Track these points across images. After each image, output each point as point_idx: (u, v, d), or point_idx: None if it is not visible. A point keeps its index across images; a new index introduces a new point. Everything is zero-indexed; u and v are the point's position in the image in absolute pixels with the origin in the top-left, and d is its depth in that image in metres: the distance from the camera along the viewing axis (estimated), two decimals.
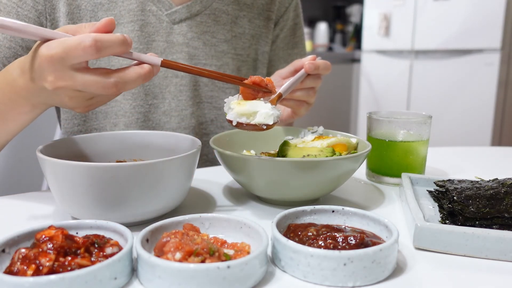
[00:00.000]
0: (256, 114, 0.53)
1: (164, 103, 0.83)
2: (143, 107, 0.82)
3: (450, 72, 2.56)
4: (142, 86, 0.81)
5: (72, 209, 0.51)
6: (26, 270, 0.36)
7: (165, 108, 0.83)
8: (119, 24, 0.79)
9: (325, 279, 0.39)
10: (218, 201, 0.62)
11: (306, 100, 0.73)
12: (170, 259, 0.38)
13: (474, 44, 2.44)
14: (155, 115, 0.83)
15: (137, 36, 0.80)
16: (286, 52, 0.97)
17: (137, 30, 0.79)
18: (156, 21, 0.80)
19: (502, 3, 2.32)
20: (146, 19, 0.80)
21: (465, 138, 2.54)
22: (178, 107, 0.83)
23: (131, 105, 0.81)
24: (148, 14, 0.80)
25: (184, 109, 0.84)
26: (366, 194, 0.66)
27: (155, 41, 0.81)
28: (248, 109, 0.53)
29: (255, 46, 0.91)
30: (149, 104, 0.82)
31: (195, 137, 0.62)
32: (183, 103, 0.83)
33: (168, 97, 0.83)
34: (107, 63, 0.80)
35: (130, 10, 0.79)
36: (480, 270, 0.43)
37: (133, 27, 0.79)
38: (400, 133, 0.69)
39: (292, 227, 0.46)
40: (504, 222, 0.48)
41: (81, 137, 0.62)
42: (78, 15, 0.78)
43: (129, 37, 0.48)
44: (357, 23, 3.43)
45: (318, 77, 0.71)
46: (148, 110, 0.82)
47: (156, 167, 0.48)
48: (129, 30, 0.79)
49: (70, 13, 0.77)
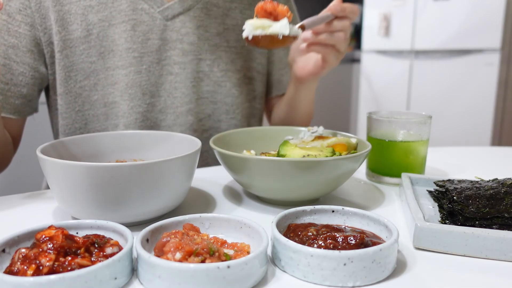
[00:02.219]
0: (271, 26, 0.49)
1: (159, 101, 0.83)
2: (141, 106, 0.81)
3: (450, 72, 2.56)
4: (139, 86, 0.80)
5: (72, 209, 0.51)
6: (26, 270, 0.36)
7: (160, 106, 0.83)
8: (111, 25, 0.78)
9: (325, 279, 0.39)
10: (218, 201, 0.62)
11: (334, 45, 0.70)
12: (170, 259, 0.38)
13: (474, 44, 2.44)
14: (152, 113, 0.83)
15: (130, 36, 0.79)
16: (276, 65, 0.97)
17: (130, 30, 0.79)
18: (149, 19, 0.80)
19: (502, 3, 2.32)
20: (138, 18, 0.79)
21: (465, 138, 2.54)
22: (173, 104, 0.83)
23: (128, 105, 0.80)
24: (140, 13, 0.79)
25: (179, 106, 0.84)
26: (366, 194, 0.66)
27: (149, 40, 0.80)
28: (263, 23, 0.50)
29: None
30: (146, 104, 0.82)
31: (195, 137, 0.62)
32: (178, 100, 0.83)
33: (163, 95, 0.83)
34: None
35: (121, 10, 0.78)
36: (480, 270, 0.43)
37: (125, 27, 0.79)
38: (400, 133, 0.69)
39: (292, 227, 0.46)
40: (504, 222, 0.48)
41: (81, 137, 0.62)
42: (68, 20, 0.77)
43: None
44: (357, 23, 3.43)
45: (346, 18, 0.69)
46: (146, 110, 0.82)
47: (156, 167, 0.48)
48: (121, 30, 0.79)
49: (60, 19, 0.77)
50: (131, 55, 0.79)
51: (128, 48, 0.79)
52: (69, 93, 0.81)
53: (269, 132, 0.73)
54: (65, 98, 0.81)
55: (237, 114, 0.90)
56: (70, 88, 0.80)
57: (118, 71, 0.80)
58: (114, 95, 0.80)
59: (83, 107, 0.81)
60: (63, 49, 0.78)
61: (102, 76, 0.80)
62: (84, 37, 0.78)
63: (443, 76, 2.59)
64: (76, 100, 0.81)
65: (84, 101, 0.81)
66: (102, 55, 0.79)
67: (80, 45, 0.78)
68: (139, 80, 0.81)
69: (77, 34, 0.78)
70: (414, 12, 2.63)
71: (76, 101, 0.81)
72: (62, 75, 0.79)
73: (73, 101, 0.81)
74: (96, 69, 0.80)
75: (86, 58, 0.79)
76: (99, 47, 0.79)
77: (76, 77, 0.79)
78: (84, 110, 0.81)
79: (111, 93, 0.80)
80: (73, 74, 0.79)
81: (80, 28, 0.78)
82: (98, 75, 0.80)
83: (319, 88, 0.76)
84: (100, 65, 0.79)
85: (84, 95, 0.80)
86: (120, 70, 0.80)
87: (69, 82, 0.80)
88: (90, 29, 0.78)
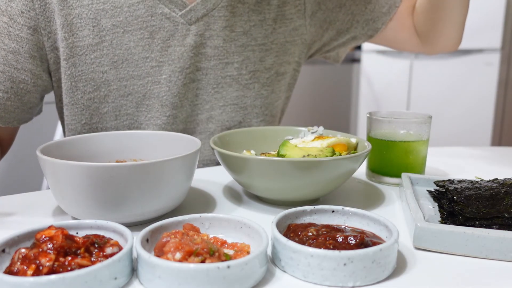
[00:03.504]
0: None
1: (182, 111, 0.78)
2: (159, 118, 0.77)
3: (450, 72, 2.56)
4: (157, 98, 0.76)
5: (72, 209, 0.51)
6: (26, 270, 0.36)
7: (183, 116, 0.79)
8: (125, 32, 0.72)
9: (325, 279, 0.39)
10: (218, 201, 0.62)
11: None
12: (170, 259, 0.38)
13: (474, 44, 2.44)
14: (173, 125, 0.79)
15: (148, 45, 0.73)
16: (357, 7, 0.86)
17: (148, 37, 0.73)
18: (170, 24, 0.74)
19: (502, 3, 2.32)
20: (157, 24, 0.73)
21: (465, 138, 2.54)
22: (194, 112, 0.79)
23: (146, 116, 0.77)
24: (160, 18, 0.73)
25: (199, 113, 0.79)
26: (366, 194, 0.66)
27: (170, 47, 0.74)
28: None
29: (280, 29, 0.82)
30: (166, 116, 0.77)
31: (195, 137, 0.62)
32: (198, 108, 0.79)
33: (185, 105, 0.78)
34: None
35: (138, 16, 0.72)
36: (480, 270, 0.43)
37: (143, 34, 0.73)
38: (400, 133, 0.69)
39: (292, 227, 0.46)
40: (504, 222, 0.48)
41: (81, 137, 0.62)
42: (78, 25, 0.71)
43: None
44: None
45: None
46: (165, 122, 0.78)
47: (156, 167, 0.48)
48: (138, 38, 0.73)
49: (67, 24, 0.71)
50: (149, 64, 0.74)
51: (145, 57, 0.74)
52: (75, 104, 0.75)
53: (269, 132, 0.73)
54: (71, 109, 0.76)
55: (266, 115, 0.84)
56: (76, 99, 0.75)
57: (133, 82, 0.74)
58: (127, 107, 0.76)
59: (91, 120, 0.76)
60: (70, 57, 0.72)
61: (114, 87, 0.74)
62: (96, 45, 0.72)
63: (443, 76, 2.59)
64: (83, 113, 0.75)
65: (93, 114, 0.76)
66: (115, 64, 0.73)
67: (91, 53, 0.72)
68: (157, 91, 0.76)
69: (87, 41, 0.72)
70: None
71: (83, 114, 0.76)
72: (68, 85, 0.74)
73: (80, 113, 0.76)
74: (108, 80, 0.74)
75: (97, 68, 0.73)
76: (112, 56, 0.73)
77: (84, 88, 0.74)
78: (91, 123, 0.76)
79: (124, 104, 0.75)
80: (81, 84, 0.74)
81: (92, 35, 0.72)
82: (110, 85, 0.74)
83: (319, 88, 0.75)
84: (113, 75, 0.74)
85: (92, 107, 0.75)
86: (136, 81, 0.74)
87: (76, 93, 0.74)
88: (103, 36, 0.72)
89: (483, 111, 2.47)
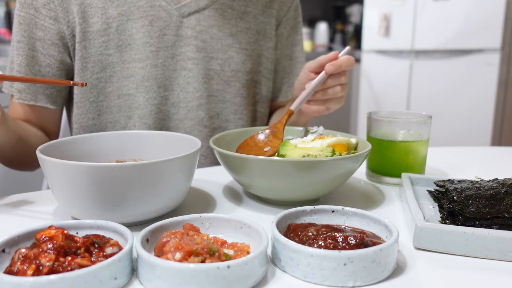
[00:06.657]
0: None
1: (173, 95, 0.85)
2: (156, 99, 0.84)
3: (450, 72, 2.56)
4: (154, 79, 0.83)
5: (72, 209, 0.51)
6: (26, 270, 0.36)
7: (173, 99, 0.86)
8: (129, 20, 0.81)
9: (325, 279, 0.39)
10: (218, 201, 0.62)
11: (332, 98, 0.72)
12: (170, 259, 0.38)
13: (474, 44, 2.44)
14: (165, 106, 0.86)
15: (147, 31, 0.82)
16: (290, 49, 0.99)
17: (147, 25, 0.82)
18: (166, 15, 0.83)
19: (502, 3, 2.32)
20: (156, 14, 0.82)
21: (465, 138, 2.54)
22: (186, 99, 0.86)
23: (144, 97, 0.83)
24: (157, 9, 0.83)
25: (191, 100, 0.86)
26: (366, 194, 0.66)
27: (165, 35, 0.83)
28: None
29: (261, 42, 0.92)
30: (161, 97, 0.85)
31: (195, 137, 0.62)
32: (190, 95, 0.86)
33: (176, 89, 0.85)
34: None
35: (140, 6, 0.82)
36: (480, 270, 0.43)
37: (143, 22, 0.82)
38: (400, 133, 0.69)
39: (292, 227, 0.46)
40: (504, 222, 0.48)
41: (81, 137, 0.62)
42: (89, 13, 0.80)
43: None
44: (357, 23, 3.43)
45: (342, 74, 0.70)
46: (160, 102, 0.85)
47: (156, 167, 0.48)
48: (139, 25, 0.82)
49: (81, 11, 0.80)
50: (148, 49, 0.83)
51: (145, 42, 0.82)
52: None
53: None
54: (81, 88, 0.84)
55: (244, 115, 0.92)
56: (86, 78, 0.83)
57: (134, 64, 0.83)
58: (129, 88, 0.83)
59: (98, 98, 0.84)
60: (82, 40, 0.81)
61: (118, 68, 0.83)
62: (104, 30, 0.81)
63: (443, 76, 2.59)
64: (91, 91, 0.84)
65: (99, 92, 0.84)
66: (120, 48, 0.82)
67: (99, 38, 0.81)
68: (155, 74, 0.84)
69: (96, 27, 0.81)
70: (414, 12, 2.63)
71: (92, 92, 0.84)
72: (79, 65, 0.82)
73: (88, 91, 0.84)
74: (113, 62, 0.82)
75: (104, 51, 0.82)
76: (117, 41, 0.82)
77: (93, 68, 0.82)
78: (98, 101, 0.84)
79: (126, 85, 0.83)
80: (90, 65, 0.82)
81: (100, 21, 0.81)
82: (114, 67, 0.83)
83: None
84: (117, 58, 0.82)
85: (99, 86, 0.83)
86: (137, 64, 0.83)
87: (86, 73, 0.82)
88: (110, 23, 0.81)
89: (483, 111, 2.47)
